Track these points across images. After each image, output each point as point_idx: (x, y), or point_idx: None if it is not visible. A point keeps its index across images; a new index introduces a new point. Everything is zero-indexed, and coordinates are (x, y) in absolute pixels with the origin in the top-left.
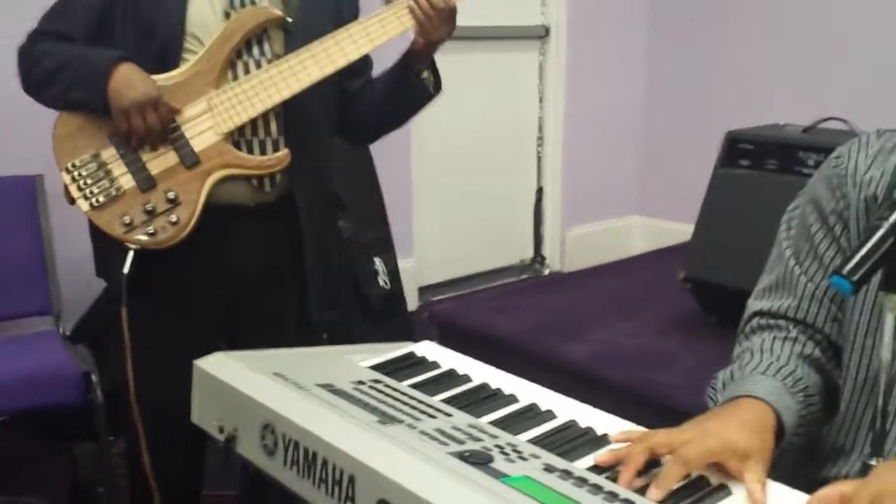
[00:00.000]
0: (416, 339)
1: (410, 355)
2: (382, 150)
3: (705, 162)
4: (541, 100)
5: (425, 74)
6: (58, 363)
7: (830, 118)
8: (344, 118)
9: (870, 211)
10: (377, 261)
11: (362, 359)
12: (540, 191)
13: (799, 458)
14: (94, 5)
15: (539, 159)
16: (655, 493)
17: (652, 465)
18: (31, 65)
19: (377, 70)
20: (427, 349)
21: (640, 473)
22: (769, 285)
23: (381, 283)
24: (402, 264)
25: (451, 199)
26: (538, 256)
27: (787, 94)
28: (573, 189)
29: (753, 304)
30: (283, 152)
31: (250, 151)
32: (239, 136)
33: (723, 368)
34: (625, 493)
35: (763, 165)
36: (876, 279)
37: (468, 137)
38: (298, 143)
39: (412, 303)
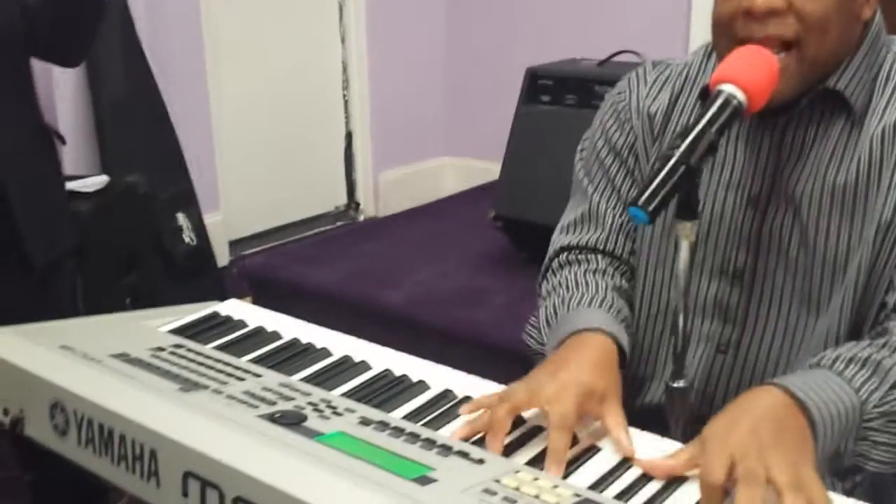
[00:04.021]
0: (228, 297)
1: (214, 315)
2: (178, 100)
3: (509, 99)
4: (343, 41)
5: None
6: None
7: (624, 51)
8: (31, 35)
9: (655, 140)
10: (180, 216)
11: (162, 323)
12: (349, 135)
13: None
14: None
15: (346, 103)
16: (556, 468)
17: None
18: None
19: None
20: (233, 307)
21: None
22: (573, 220)
23: (186, 239)
24: (209, 218)
25: (257, 147)
26: (352, 202)
27: (583, 27)
28: (382, 132)
29: (559, 240)
30: None
31: None
32: None
33: (535, 306)
34: (442, 439)
35: (563, 101)
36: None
37: (270, 82)
38: None
39: (223, 258)
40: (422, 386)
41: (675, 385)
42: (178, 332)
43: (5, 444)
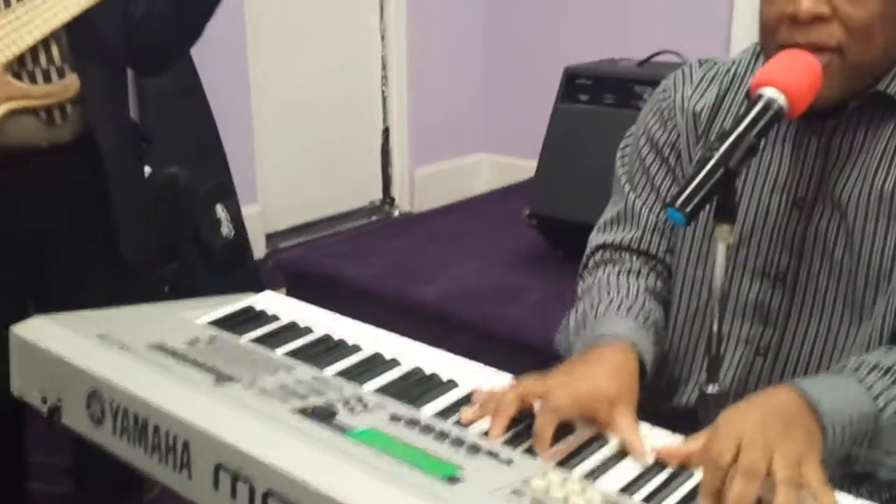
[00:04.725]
0: (264, 289)
1: (250, 308)
2: (220, 92)
3: (547, 97)
4: (383, 38)
5: None
6: None
7: (663, 52)
8: (131, 43)
9: (700, 139)
10: (219, 208)
11: (198, 314)
12: (386, 131)
13: (645, 392)
14: None
15: (384, 99)
16: (541, 449)
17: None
18: None
19: None
20: (268, 301)
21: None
22: (610, 219)
23: (224, 231)
24: (247, 211)
25: (296, 142)
26: (387, 198)
27: (622, 27)
28: (419, 128)
29: (596, 238)
30: (70, 78)
31: (34, 82)
32: (19, 67)
33: (569, 304)
34: (471, 437)
35: (601, 100)
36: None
37: (310, 78)
38: (89, 71)
39: (259, 251)
40: (452, 383)
41: (710, 391)
42: (214, 323)
43: (44, 431)
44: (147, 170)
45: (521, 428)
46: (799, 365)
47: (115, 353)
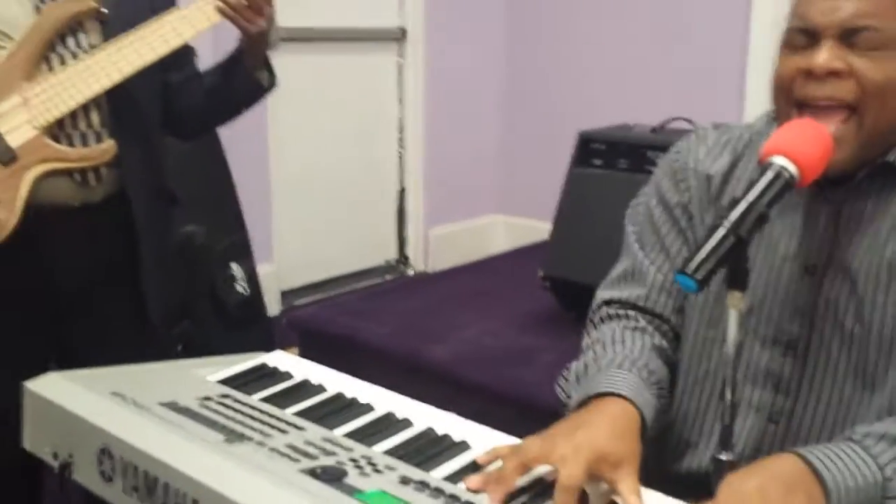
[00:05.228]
0: (278, 347)
1: (261, 367)
2: (238, 152)
3: (562, 160)
4: (400, 101)
5: (259, 71)
6: None
7: (677, 118)
8: (168, 111)
9: (712, 202)
10: (234, 266)
11: (210, 372)
12: (402, 191)
13: (649, 452)
14: None
15: (400, 160)
16: None
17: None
18: None
19: None
20: (279, 359)
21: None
22: (618, 276)
23: (240, 289)
24: (263, 269)
25: (312, 201)
26: (402, 257)
27: (637, 93)
28: (435, 189)
29: (603, 293)
30: (107, 143)
31: (71, 145)
32: (59, 130)
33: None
34: (482, 502)
35: (615, 165)
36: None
37: (327, 139)
38: (126, 137)
39: (274, 308)
40: (463, 446)
41: (723, 458)
42: (225, 381)
43: (55, 484)
44: None
45: (526, 499)
46: (811, 433)
47: (126, 411)
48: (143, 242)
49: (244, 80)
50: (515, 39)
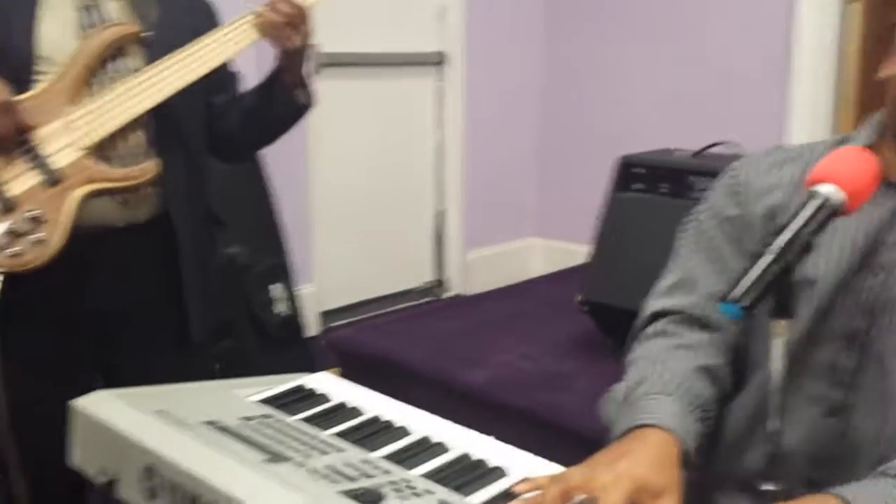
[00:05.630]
0: (317, 367)
1: (300, 388)
2: (279, 175)
3: (600, 184)
4: (439, 124)
5: (297, 90)
6: None
7: (719, 143)
8: (211, 133)
9: (769, 221)
10: (275, 287)
11: (251, 392)
12: (440, 214)
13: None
14: None
15: (439, 183)
16: None
17: None
18: None
19: None
20: (319, 381)
21: None
22: (668, 286)
23: (279, 309)
24: (303, 290)
25: (351, 224)
26: (439, 280)
27: (676, 119)
28: (473, 212)
29: (653, 305)
30: (150, 162)
31: (115, 165)
32: (102, 151)
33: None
34: None
35: (656, 189)
36: None
37: (367, 161)
38: (170, 157)
39: (314, 328)
40: (500, 472)
41: (765, 488)
42: (266, 402)
43: (100, 502)
44: None
45: None
46: (869, 427)
47: (171, 429)
48: (186, 263)
49: (282, 98)
50: (554, 63)
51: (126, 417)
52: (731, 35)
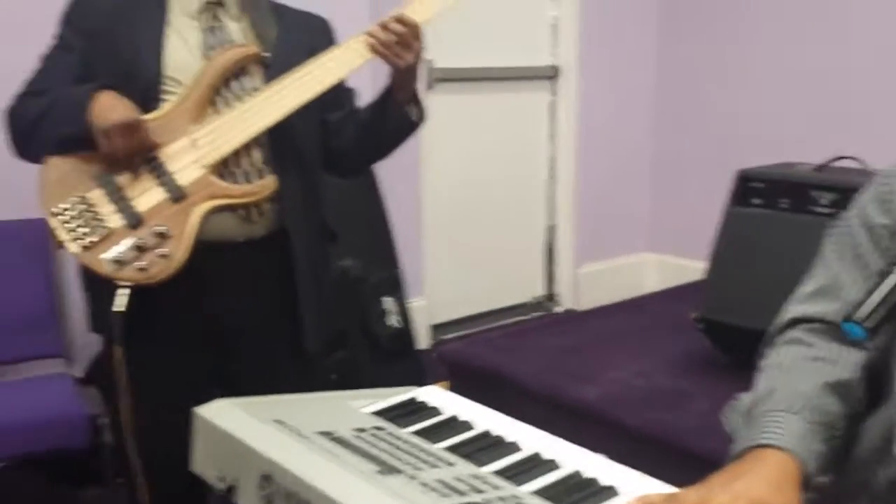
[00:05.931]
0: (428, 379)
1: (412, 401)
2: (393, 189)
3: (716, 199)
4: (551, 138)
5: (409, 106)
6: (64, 406)
7: (843, 157)
8: (327, 149)
9: None
10: (387, 300)
11: (365, 404)
12: (552, 228)
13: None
14: (71, 62)
15: (551, 197)
16: None
17: None
18: (16, 119)
19: None
20: (430, 394)
21: None
22: (811, 291)
23: (392, 322)
24: (414, 303)
25: (463, 237)
26: (550, 294)
27: (797, 132)
28: (585, 226)
29: (793, 310)
30: (269, 178)
31: (235, 182)
32: (224, 168)
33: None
34: None
35: (775, 204)
36: None
37: (479, 176)
38: (287, 173)
39: (424, 341)
40: (611, 491)
41: None
42: (379, 414)
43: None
44: None
45: None
46: None
47: (288, 438)
48: (301, 277)
49: (395, 114)
50: (667, 76)
51: (245, 426)
52: (852, 46)
